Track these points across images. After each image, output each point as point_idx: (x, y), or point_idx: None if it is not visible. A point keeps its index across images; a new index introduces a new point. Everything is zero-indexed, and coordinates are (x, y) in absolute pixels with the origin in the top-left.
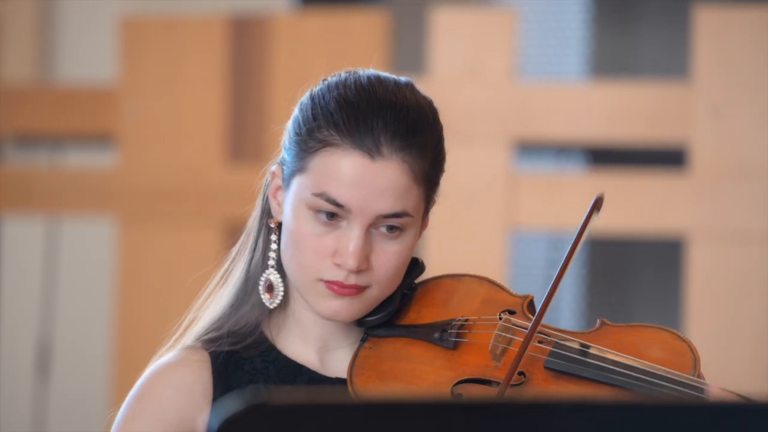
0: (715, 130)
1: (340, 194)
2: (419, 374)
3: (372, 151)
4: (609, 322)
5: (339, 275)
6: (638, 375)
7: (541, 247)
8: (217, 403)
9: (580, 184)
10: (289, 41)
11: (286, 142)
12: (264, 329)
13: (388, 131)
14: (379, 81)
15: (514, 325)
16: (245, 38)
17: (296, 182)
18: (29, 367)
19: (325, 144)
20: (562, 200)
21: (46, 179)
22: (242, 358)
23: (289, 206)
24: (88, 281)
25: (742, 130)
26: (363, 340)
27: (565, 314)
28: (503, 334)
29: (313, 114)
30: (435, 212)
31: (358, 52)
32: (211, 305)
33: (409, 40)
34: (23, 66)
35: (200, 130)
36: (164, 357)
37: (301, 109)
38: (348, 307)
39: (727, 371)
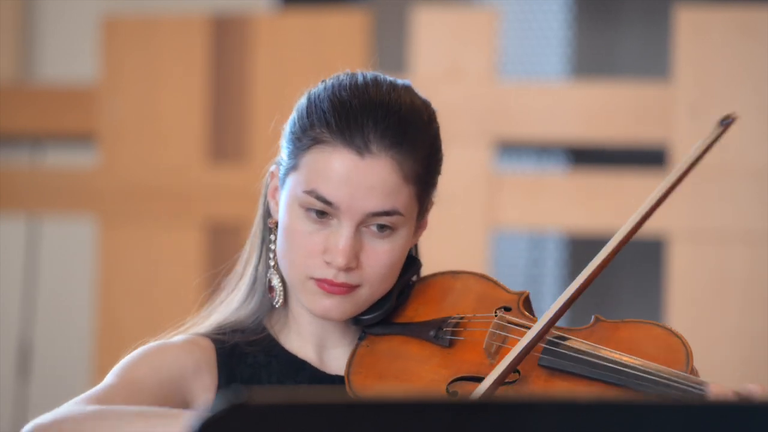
0: (695, 130)
1: (329, 192)
2: (415, 372)
3: (361, 148)
4: (603, 318)
5: (328, 273)
6: (632, 372)
7: (522, 247)
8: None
9: (561, 184)
10: (270, 41)
11: (283, 141)
12: (266, 325)
13: (378, 129)
14: (375, 81)
15: (508, 322)
16: (226, 38)
17: (290, 180)
18: (10, 368)
19: (316, 141)
20: (543, 200)
21: (27, 179)
22: (245, 352)
23: (283, 204)
24: (69, 281)
25: None
26: (360, 339)
27: None
28: (498, 332)
29: (307, 112)
30: None
31: (339, 51)
32: (221, 307)
33: (390, 39)
34: (3, 66)
35: (181, 130)
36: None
37: (298, 109)
38: (339, 306)
39: (707, 369)
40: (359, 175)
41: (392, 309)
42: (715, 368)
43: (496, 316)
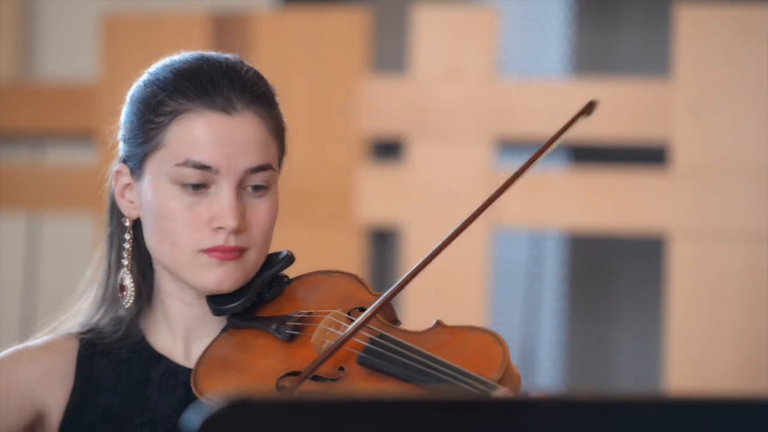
0: (696, 128)
1: (205, 156)
2: (252, 365)
3: (227, 107)
4: (444, 324)
5: (219, 239)
6: (434, 374)
7: (522, 245)
8: (198, 402)
9: (562, 182)
10: (271, 39)
11: (125, 135)
12: (140, 324)
13: (236, 88)
14: (206, 53)
15: (341, 319)
16: (226, 36)
17: (151, 164)
18: None
19: (176, 113)
20: (544, 198)
21: (27, 177)
22: (110, 349)
23: (149, 192)
24: (69, 280)
25: (723, 128)
26: (223, 330)
27: (547, 312)
28: (328, 328)
29: (153, 93)
30: (415, 210)
31: (339, 50)
32: (83, 308)
33: (391, 38)
34: (3, 64)
35: None
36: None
37: (135, 99)
38: (231, 274)
39: (708, 369)
40: (231, 133)
41: (255, 301)
42: (716, 368)
43: (348, 315)
